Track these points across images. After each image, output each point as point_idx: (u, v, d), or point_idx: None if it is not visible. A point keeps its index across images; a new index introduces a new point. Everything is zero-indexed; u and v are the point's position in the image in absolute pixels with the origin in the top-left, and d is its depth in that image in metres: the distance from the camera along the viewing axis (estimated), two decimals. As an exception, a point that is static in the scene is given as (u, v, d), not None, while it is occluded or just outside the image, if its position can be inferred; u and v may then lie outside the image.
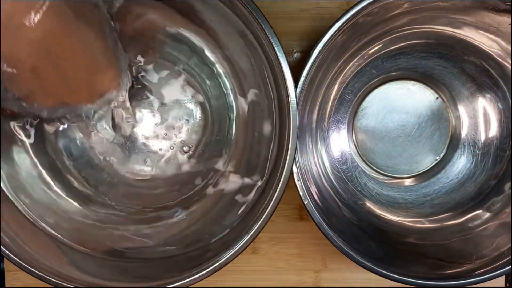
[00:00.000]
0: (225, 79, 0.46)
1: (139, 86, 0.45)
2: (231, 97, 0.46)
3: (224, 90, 0.46)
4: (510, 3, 0.40)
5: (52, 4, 0.29)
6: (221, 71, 0.45)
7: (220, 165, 0.46)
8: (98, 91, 0.36)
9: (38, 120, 0.41)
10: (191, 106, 0.46)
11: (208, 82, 0.46)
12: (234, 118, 0.46)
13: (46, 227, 0.41)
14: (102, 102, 0.38)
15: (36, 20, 0.28)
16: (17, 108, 0.34)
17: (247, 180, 0.44)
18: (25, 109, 0.34)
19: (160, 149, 0.46)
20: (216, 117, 0.46)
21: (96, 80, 0.35)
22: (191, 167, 0.47)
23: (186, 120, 0.46)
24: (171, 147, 0.46)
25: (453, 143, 0.49)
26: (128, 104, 0.42)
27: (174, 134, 0.46)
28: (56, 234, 0.42)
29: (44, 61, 0.31)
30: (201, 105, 0.46)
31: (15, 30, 0.28)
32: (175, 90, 0.46)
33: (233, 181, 0.45)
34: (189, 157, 0.47)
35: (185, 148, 0.47)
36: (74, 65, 0.33)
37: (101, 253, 0.42)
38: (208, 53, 0.45)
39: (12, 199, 0.41)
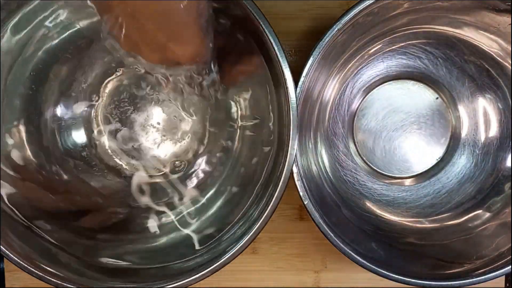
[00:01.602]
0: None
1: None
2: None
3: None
4: (510, 3, 0.40)
5: None
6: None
7: None
8: (169, 57, 0.37)
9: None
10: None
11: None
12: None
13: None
14: (174, 70, 0.39)
15: None
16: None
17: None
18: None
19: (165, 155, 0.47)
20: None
21: (172, 46, 0.36)
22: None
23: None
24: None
25: (453, 143, 0.49)
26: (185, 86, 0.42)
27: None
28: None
29: (134, 15, 0.33)
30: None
31: None
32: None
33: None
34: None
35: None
36: (158, 25, 0.34)
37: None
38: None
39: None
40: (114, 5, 0.33)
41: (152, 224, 0.45)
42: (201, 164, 0.47)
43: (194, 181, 0.47)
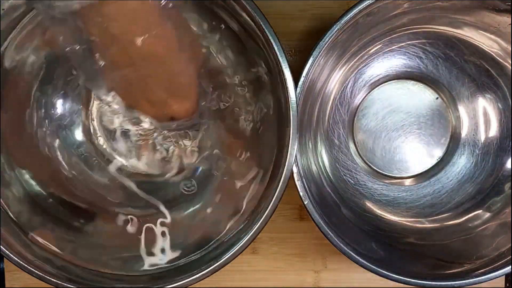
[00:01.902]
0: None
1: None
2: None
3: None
4: (510, 3, 0.40)
5: (162, 32, 0.32)
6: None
7: None
8: (167, 113, 0.39)
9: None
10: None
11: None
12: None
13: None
14: (165, 125, 0.41)
15: (143, 41, 0.32)
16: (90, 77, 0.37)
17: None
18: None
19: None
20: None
21: (171, 102, 0.38)
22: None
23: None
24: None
25: (453, 143, 0.49)
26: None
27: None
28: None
29: (136, 70, 0.34)
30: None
31: (124, 43, 0.32)
32: None
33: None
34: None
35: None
36: (159, 84, 0.36)
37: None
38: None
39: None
40: (121, 65, 0.34)
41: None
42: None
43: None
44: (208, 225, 0.44)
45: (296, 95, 0.37)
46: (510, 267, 0.40)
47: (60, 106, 0.45)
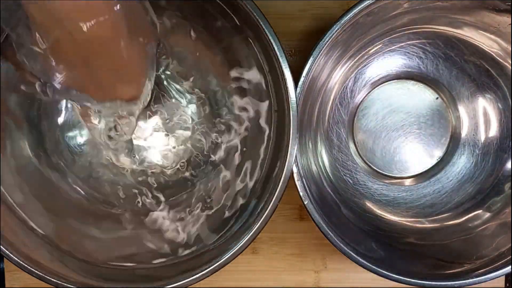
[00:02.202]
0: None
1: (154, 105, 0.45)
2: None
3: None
4: (510, 3, 0.40)
5: (112, 18, 0.31)
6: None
7: None
8: (114, 95, 0.38)
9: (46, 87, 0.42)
10: (191, 108, 0.46)
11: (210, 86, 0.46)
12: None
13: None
14: (112, 106, 0.39)
15: (90, 27, 0.30)
16: (37, 70, 0.36)
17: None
18: (43, 75, 0.36)
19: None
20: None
21: (118, 85, 0.37)
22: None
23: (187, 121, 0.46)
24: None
25: (453, 143, 0.49)
26: (133, 120, 0.42)
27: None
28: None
29: (82, 53, 0.33)
30: (202, 104, 0.46)
31: (68, 27, 0.30)
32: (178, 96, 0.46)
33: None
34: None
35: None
36: (105, 65, 0.35)
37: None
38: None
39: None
40: (65, 49, 0.33)
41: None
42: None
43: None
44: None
45: (296, 95, 0.37)
46: (510, 267, 0.40)
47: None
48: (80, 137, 0.46)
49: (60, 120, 0.46)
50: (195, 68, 0.46)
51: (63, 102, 0.45)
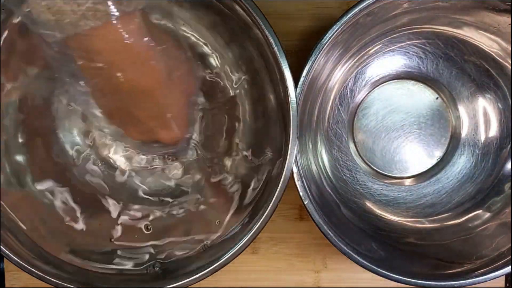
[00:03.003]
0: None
1: None
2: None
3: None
4: (510, 3, 0.40)
5: (148, 66, 0.32)
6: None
7: None
8: (154, 139, 0.38)
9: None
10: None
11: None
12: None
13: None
14: (151, 149, 0.41)
15: (126, 75, 0.31)
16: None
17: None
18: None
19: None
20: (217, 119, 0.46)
21: (158, 132, 0.37)
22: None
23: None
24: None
25: (453, 143, 0.49)
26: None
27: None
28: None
29: (122, 100, 0.34)
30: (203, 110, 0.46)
31: (108, 74, 0.31)
32: None
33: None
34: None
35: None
36: (147, 114, 0.35)
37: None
38: (206, 51, 0.45)
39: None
40: (106, 94, 0.34)
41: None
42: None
43: None
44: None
45: (296, 95, 0.37)
46: (510, 267, 0.40)
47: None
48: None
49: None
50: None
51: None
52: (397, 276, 0.40)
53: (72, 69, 0.32)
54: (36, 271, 0.38)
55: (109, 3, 0.27)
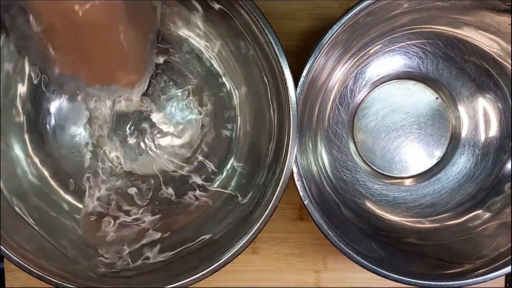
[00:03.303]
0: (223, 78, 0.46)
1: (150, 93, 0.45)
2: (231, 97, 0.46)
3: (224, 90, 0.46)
4: (510, 3, 0.40)
5: (109, 2, 0.30)
6: (220, 71, 0.46)
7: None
8: (110, 80, 0.37)
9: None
10: (193, 112, 0.46)
11: (207, 84, 0.46)
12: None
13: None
14: (109, 91, 0.39)
15: (86, 10, 0.29)
16: (32, 55, 0.35)
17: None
18: (38, 60, 0.35)
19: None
20: (217, 119, 0.46)
21: (116, 74, 0.36)
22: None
23: (186, 124, 0.46)
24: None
25: (453, 143, 0.49)
26: (134, 106, 0.42)
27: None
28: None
29: (78, 38, 0.32)
30: (201, 106, 0.46)
31: (63, 10, 0.29)
32: (180, 100, 0.46)
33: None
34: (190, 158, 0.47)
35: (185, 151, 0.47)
36: (104, 54, 0.34)
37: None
38: (206, 54, 0.45)
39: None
40: (60, 32, 0.32)
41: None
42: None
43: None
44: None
45: (296, 95, 0.37)
46: (510, 267, 0.40)
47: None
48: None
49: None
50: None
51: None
52: (397, 276, 0.40)
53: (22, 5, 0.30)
54: (36, 271, 0.38)
55: None
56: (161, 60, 0.43)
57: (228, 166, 0.46)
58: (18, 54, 0.40)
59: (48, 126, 0.45)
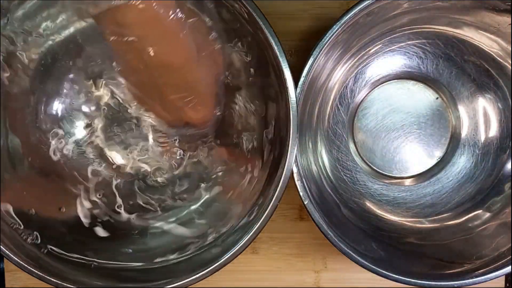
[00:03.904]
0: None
1: None
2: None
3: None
4: (510, 3, 0.40)
5: (177, 42, 0.32)
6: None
7: None
8: (181, 120, 0.38)
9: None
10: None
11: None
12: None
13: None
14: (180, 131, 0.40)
15: (156, 51, 0.31)
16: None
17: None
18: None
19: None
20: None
21: (185, 111, 0.37)
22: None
23: None
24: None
25: (453, 143, 0.49)
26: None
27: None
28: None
29: (151, 77, 0.34)
30: None
31: (138, 50, 0.31)
32: None
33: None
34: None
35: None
36: (174, 93, 0.35)
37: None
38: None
39: None
40: (136, 71, 0.34)
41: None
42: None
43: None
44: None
45: (296, 95, 0.37)
46: (510, 267, 0.40)
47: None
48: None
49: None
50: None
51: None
52: (396, 276, 0.40)
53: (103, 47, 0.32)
54: (36, 271, 0.38)
55: None
56: None
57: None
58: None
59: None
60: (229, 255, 0.38)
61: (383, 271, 0.40)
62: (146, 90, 0.36)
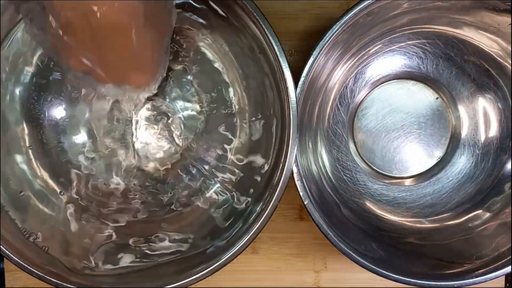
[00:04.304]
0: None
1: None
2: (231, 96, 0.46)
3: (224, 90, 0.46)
4: (510, 3, 0.40)
5: (128, 3, 0.31)
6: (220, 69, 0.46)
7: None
8: (123, 80, 0.38)
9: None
10: (193, 109, 0.46)
11: (209, 82, 0.46)
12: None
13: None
14: (119, 91, 0.39)
15: (104, 11, 0.30)
16: (47, 48, 0.36)
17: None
18: (53, 54, 0.36)
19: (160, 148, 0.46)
20: (216, 118, 0.47)
21: (130, 74, 0.37)
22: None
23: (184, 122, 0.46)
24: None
25: (453, 143, 0.49)
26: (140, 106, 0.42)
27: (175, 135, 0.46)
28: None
29: (94, 37, 0.32)
30: (200, 107, 0.46)
31: (81, 10, 0.30)
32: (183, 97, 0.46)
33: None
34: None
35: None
36: (119, 54, 0.34)
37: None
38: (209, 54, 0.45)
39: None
40: (77, 32, 0.32)
41: None
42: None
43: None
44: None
45: (296, 95, 0.37)
46: (510, 267, 0.40)
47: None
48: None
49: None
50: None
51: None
52: (396, 276, 0.40)
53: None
54: (36, 271, 0.38)
55: None
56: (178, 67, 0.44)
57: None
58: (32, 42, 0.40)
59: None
60: (229, 255, 0.38)
61: (383, 271, 0.40)
62: (86, 51, 0.34)
